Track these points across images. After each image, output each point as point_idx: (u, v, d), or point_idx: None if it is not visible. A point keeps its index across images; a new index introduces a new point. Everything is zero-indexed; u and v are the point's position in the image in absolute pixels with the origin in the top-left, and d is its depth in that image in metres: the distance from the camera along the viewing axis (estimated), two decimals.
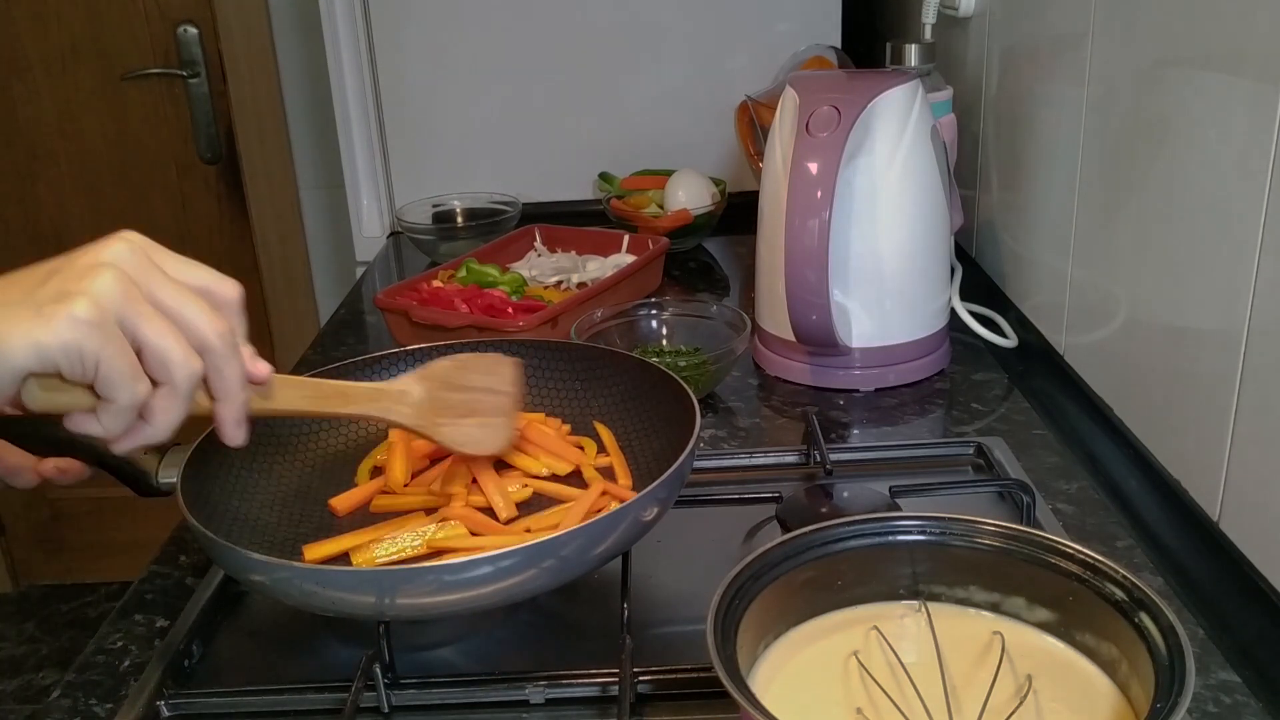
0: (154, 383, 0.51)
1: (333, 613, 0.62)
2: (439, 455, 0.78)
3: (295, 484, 0.78)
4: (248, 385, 0.55)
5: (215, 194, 2.23)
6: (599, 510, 0.71)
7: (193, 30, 2.10)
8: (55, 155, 2.18)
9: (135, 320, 0.50)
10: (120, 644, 0.71)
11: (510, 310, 1.08)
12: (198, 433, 0.73)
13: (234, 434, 0.55)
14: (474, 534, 0.70)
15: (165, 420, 0.52)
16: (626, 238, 1.28)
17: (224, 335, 0.52)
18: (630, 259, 1.23)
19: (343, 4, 1.51)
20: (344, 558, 0.70)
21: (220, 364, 0.53)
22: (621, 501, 0.72)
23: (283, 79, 2.14)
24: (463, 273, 1.20)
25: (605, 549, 0.65)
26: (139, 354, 0.50)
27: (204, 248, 2.26)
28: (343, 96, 1.55)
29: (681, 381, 0.77)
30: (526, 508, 0.74)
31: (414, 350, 0.87)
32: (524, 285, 1.18)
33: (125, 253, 0.51)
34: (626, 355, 0.84)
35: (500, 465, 0.78)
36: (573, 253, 1.29)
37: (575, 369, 0.85)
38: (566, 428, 0.82)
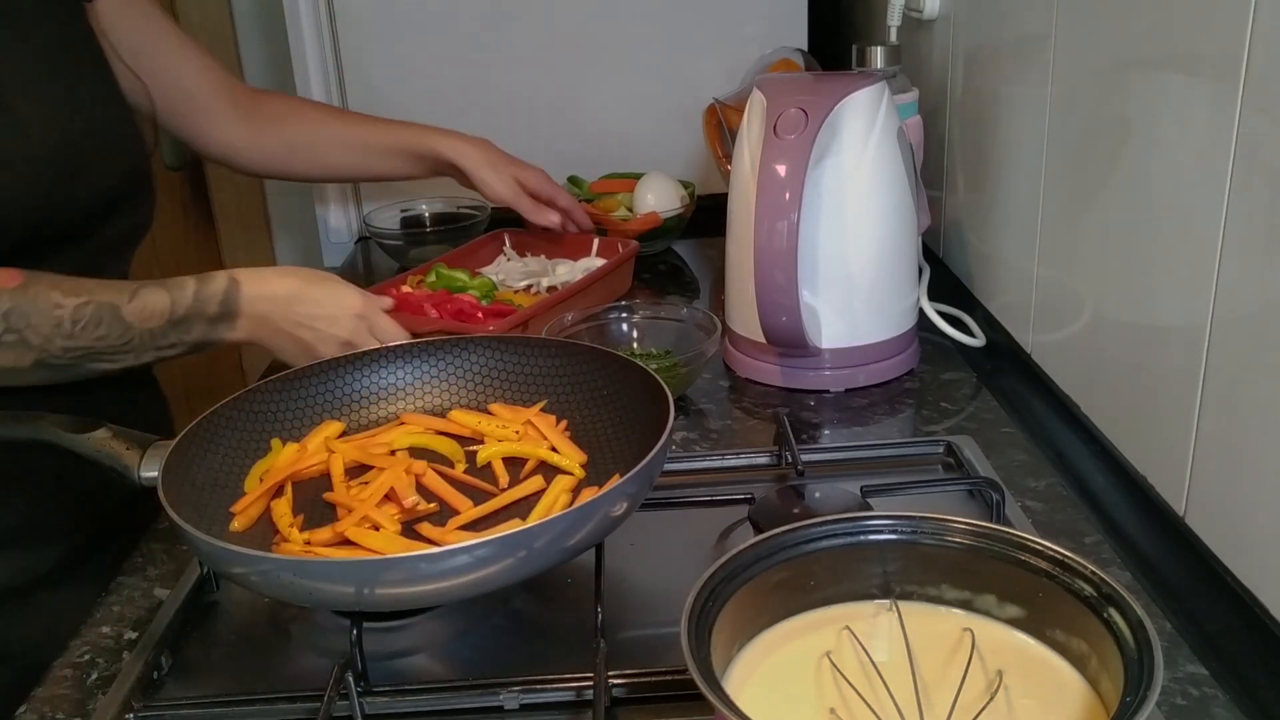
0: None
1: (312, 603, 0.62)
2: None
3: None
4: None
5: (180, 201, 2.20)
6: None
7: None
8: None
9: None
10: (87, 657, 0.71)
11: (480, 315, 1.08)
12: (179, 429, 0.74)
13: None
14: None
15: None
16: (596, 241, 1.28)
17: None
18: (600, 262, 1.23)
19: (307, 6, 1.50)
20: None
21: None
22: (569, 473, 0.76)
23: (247, 81, 2.12)
24: (432, 278, 1.19)
25: (577, 541, 0.65)
26: None
27: (169, 255, 2.23)
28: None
29: (656, 377, 0.77)
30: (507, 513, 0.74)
31: (391, 349, 0.87)
32: (494, 290, 1.18)
33: None
34: (602, 350, 0.84)
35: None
36: (542, 257, 1.28)
37: (551, 365, 0.85)
38: (564, 422, 0.82)
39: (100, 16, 0.99)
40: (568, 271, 1.22)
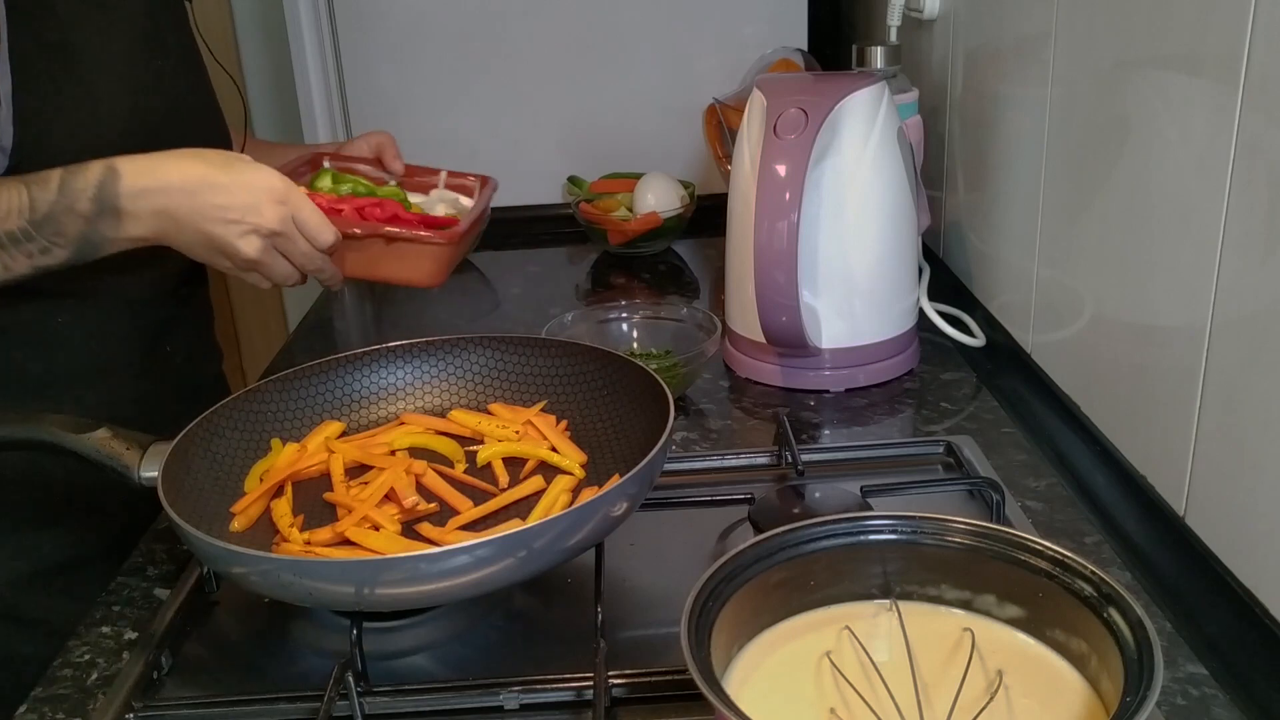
0: None
1: (312, 603, 0.62)
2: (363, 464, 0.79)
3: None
4: None
5: None
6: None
7: None
8: None
9: None
10: (87, 657, 0.71)
11: (415, 220, 0.94)
12: (178, 429, 0.74)
13: None
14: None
15: None
16: (444, 174, 1.12)
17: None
18: (458, 198, 1.10)
19: (308, 8, 1.50)
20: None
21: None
22: (569, 475, 0.76)
23: (247, 84, 2.13)
24: (325, 182, 0.99)
25: (577, 541, 0.65)
26: None
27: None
28: (309, 103, 1.54)
29: (656, 377, 0.77)
30: (504, 513, 0.74)
31: (391, 348, 0.86)
32: (406, 199, 1.01)
33: None
34: (602, 350, 0.84)
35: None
36: (392, 183, 1.09)
37: (551, 365, 0.85)
38: (564, 422, 0.82)
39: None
40: (425, 203, 1.06)
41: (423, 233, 0.92)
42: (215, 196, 0.79)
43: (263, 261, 0.84)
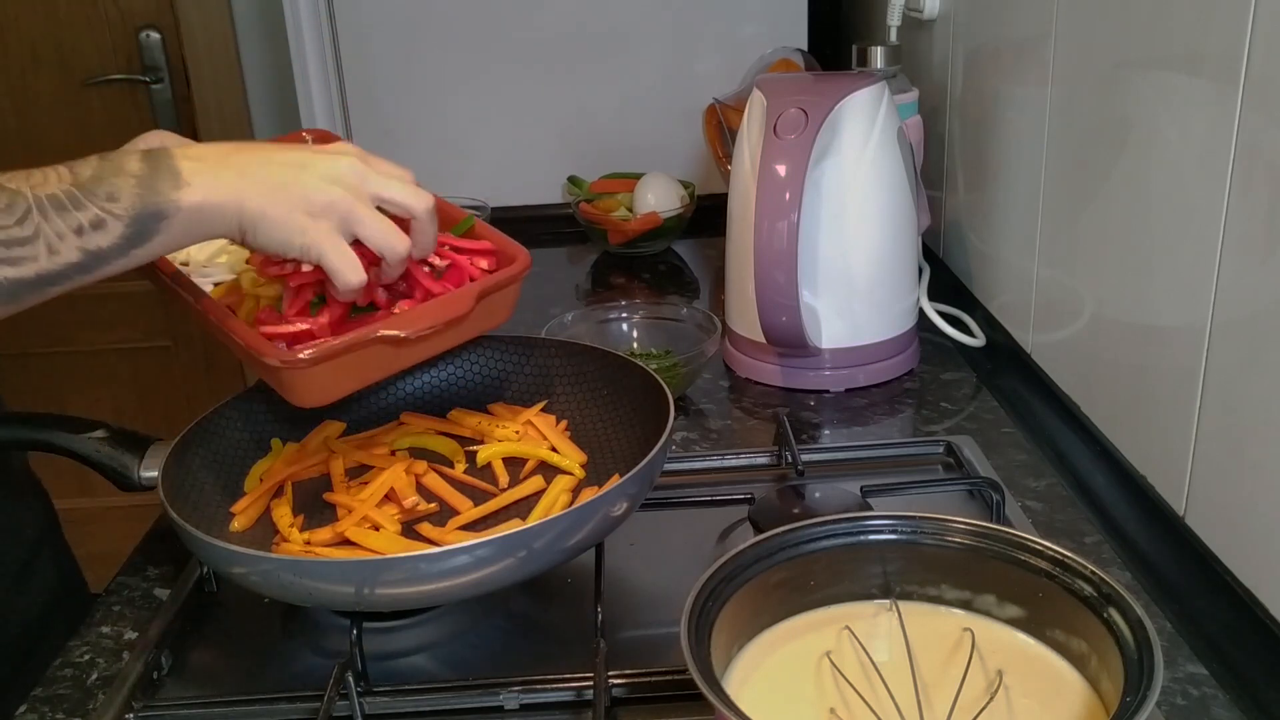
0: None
1: (312, 603, 0.62)
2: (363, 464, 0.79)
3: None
4: None
5: None
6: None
7: (155, 35, 2.08)
8: (16, 162, 2.14)
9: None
10: (87, 657, 0.71)
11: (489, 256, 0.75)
12: (178, 429, 0.73)
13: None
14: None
15: None
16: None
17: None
18: None
19: (307, 7, 1.50)
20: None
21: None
22: (569, 475, 0.76)
23: (247, 84, 2.13)
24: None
25: (577, 541, 0.65)
26: None
27: None
28: (309, 102, 1.54)
29: (656, 377, 0.77)
30: (504, 513, 0.74)
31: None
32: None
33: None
34: (602, 351, 0.84)
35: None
36: None
37: (551, 365, 0.85)
38: (564, 422, 0.83)
39: None
40: None
41: (512, 270, 0.74)
42: (284, 153, 0.66)
43: (355, 213, 0.65)
